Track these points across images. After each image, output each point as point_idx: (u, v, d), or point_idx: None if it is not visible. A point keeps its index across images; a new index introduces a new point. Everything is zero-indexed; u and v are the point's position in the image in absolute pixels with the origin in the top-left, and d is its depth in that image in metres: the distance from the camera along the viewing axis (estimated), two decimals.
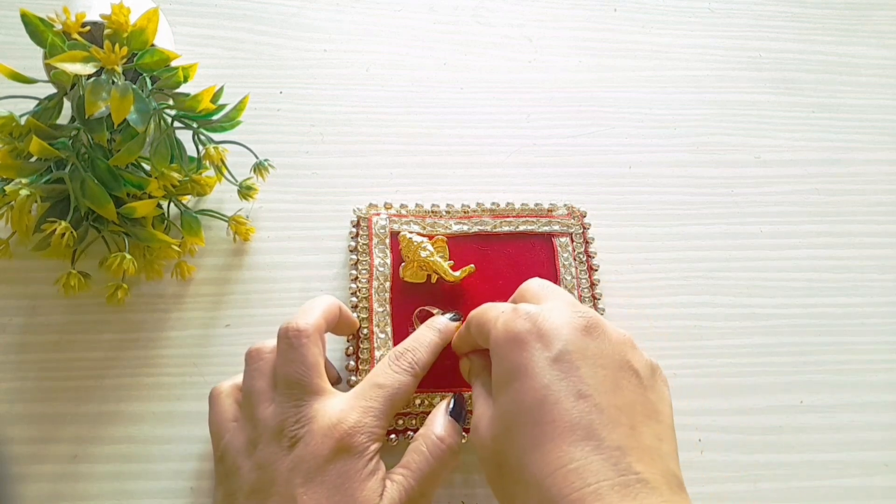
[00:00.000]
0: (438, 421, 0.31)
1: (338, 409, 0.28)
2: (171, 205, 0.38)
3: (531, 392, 0.25)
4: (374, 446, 0.28)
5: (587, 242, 0.40)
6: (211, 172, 0.38)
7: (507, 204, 0.41)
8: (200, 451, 0.34)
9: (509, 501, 0.26)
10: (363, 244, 0.39)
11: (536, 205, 0.41)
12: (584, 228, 0.41)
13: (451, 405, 0.31)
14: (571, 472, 0.23)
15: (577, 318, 0.27)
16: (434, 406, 0.34)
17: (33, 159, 0.34)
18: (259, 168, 0.39)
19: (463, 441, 0.31)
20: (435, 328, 0.33)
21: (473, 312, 0.31)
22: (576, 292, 0.38)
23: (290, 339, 0.29)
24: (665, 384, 0.28)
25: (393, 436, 0.33)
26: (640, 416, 0.25)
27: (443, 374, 0.35)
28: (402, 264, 0.38)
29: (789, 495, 0.35)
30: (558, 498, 0.22)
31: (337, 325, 0.33)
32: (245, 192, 0.39)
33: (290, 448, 0.27)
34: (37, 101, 0.35)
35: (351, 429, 0.28)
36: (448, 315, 0.34)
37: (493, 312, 0.29)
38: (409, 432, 0.33)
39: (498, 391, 0.27)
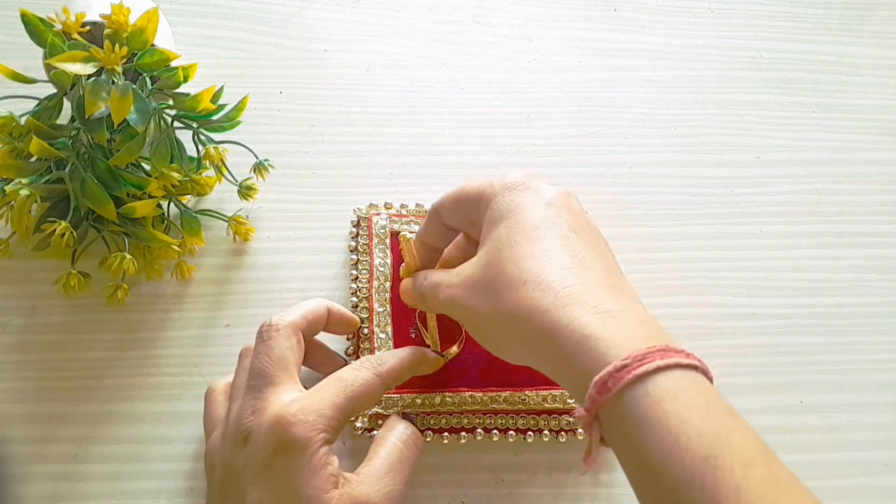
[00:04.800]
0: (397, 419, 0.32)
1: (288, 398, 0.27)
2: (171, 205, 0.38)
3: (530, 221, 0.28)
4: (321, 437, 0.27)
5: None
6: (211, 172, 0.38)
7: None
8: (200, 450, 0.34)
9: (497, 307, 0.27)
10: (363, 244, 0.39)
11: None
12: None
13: (403, 415, 0.33)
14: (570, 270, 0.27)
15: (558, 187, 0.31)
16: (434, 406, 0.34)
17: (33, 159, 0.34)
18: (259, 168, 0.39)
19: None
20: (416, 348, 0.33)
21: (441, 197, 0.33)
22: None
23: (261, 334, 0.30)
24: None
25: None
26: (612, 261, 0.30)
27: (443, 374, 0.35)
28: (403, 264, 0.38)
29: None
30: (559, 287, 0.26)
31: (332, 324, 0.34)
32: (245, 192, 0.39)
33: (244, 443, 0.27)
34: (37, 101, 0.35)
35: (293, 417, 0.26)
36: (435, 352, 0.34)
37: (479, 181, 0.31)
38: None
39: (492, 226, 0.29)
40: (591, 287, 0.26)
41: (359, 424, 0.34)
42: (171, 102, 0.35)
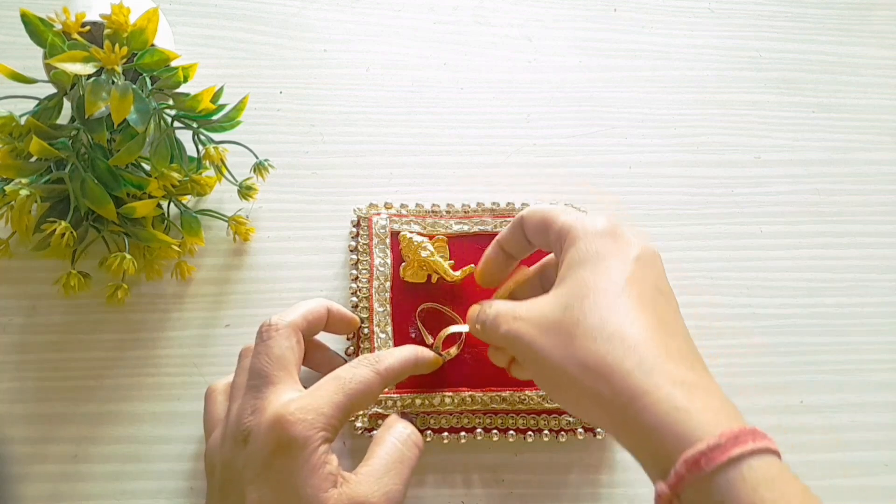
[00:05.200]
0: (396, 419, 0.32)
1: (287, 397, 0.27)
2: (171, 205, 0.38)
3: (618, 272, 0.27)
4: (320, 435, 0.27)
5: None
6: (211, 172, 0.38)
7: (508, 204, 0.41)
8: (200, 450, 0.34)
9: (573, 356, 0.26)
10: (363, 244, 0.39)
11: None
12: None
13: (402, 414, 0.33)
14: (656, 334, 0.25)
15: (643, 240, 0.30)
16: (434, 406, 0.34)
17: (33, 159, 0.34)
18: (259, 168, 0.39)
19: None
20: (413, 347, 0.33)
21: (531, 209, 0.32)
22: None
23: (261, 334, 0.30)
24: None
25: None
26: (686, 330, 0.28)
27: (443, 374, 0.35)
28: (403, 264, 0.38)
29: None
30: (645, 350, 0.25)
31: (332, 324, 0.34)
32: (245, 192, 0.39)
33: (244, 443, 0.27)
34: (37, 101, 0.35)
35: (292, 415, 0.26)
36: (434, 352, 0.34)
37: (573, 213, 0.30)
38: None
39: (576, 267, 0.28)
40: (677, 356, 0.25)
41: (359, 424, 0.34)
42: (171, 102, 0.35)
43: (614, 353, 0.25)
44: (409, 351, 0.32)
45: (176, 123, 0.36)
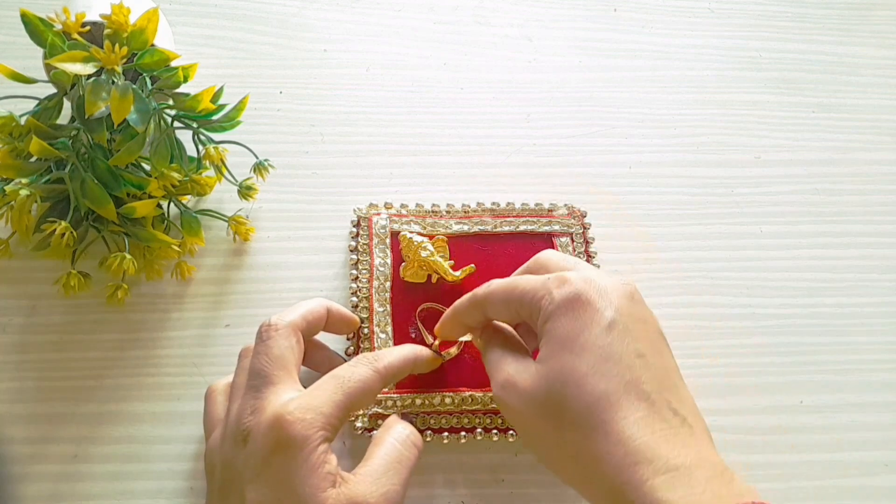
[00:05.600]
0: (396, 419, 0.32)
1: (286, 397, 0.27)
2: (171, 205, 0.38)
3: (596, 349, 0.27)
4: (319, 434, 0.26)
5: (587, 242, 0.40)
6: (211, 172, 0.38)
7: (508, 204, 0.41)
8: (200, 450, 0.34)
9: (562, 449, 0.27)
10: (363, 244, 0.39)
11: (537, 205, 0.41)
12: (585, 228, 0.41)
13: (402, 415, 0.33)
14: (640, 419, 0.25)
15: (620, 286, 0.29)
16: (434, 406, 0.34)
17: (33, 159, 0.34)
18: (259, 168, 0.39)
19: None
20: (413, 346, 0.33)
21: (489, 289, 0.31)
22: None
23: (260, 334, 0.30)
24: None
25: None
26: (676, 377, 0.28)
27: (443, 374, 0.35)
28: (403, 264, 0.38)
29: (789, 495, 0.35)
30: (629, 441, 0.25)
31: (332, 324, 0.34)
32: (245, 192, 0.39)
33: (244, 443, 0.27)
34: (37, 101, 0.35)
35: (291, 415, 0.26)
36: (434, 352, 0.34)
37: (533, 282, 0.29)
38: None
39: (554, 349, 0.28)
40: (660, 437, 0.25)
41: (359, 424, 0.34)
42: (171, 102, 0.35)
43: (599, 447, 0.25)
44: (409, 350, 0.32)
45: (176, 123, 0.36)
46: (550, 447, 0.28)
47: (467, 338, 0.35)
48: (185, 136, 0.36)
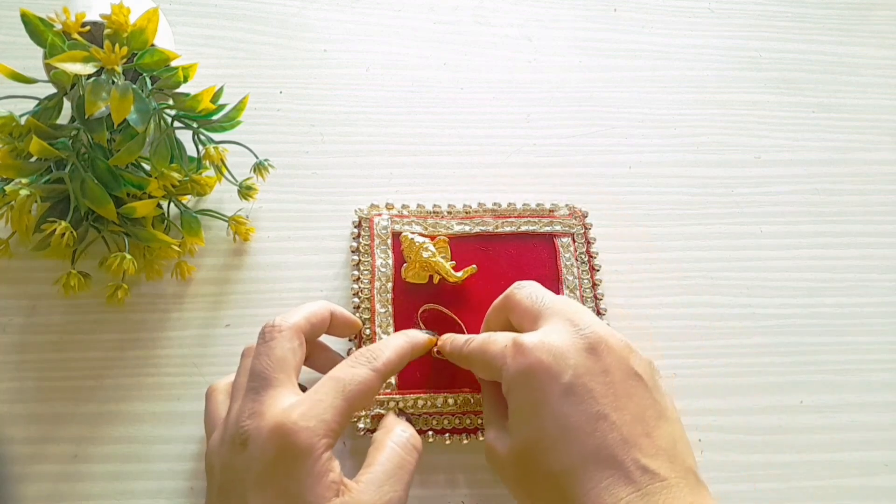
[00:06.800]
0: (395, 420, 0.32)
1: (287, 402, 0.27)
2: (171, 205, 0.38)
3: (553, 421, 0.27)
4: (323, 442, 0.26)
5: (589, 242, 0.40)
6: (211, 172, 0.38)
7: (509, 204, 0.41)
8: (200, 450, 0.34)
9: (534, 500, 0.28)
10: (365, 245, 0.39)
11: (538, 205, 0.41)
12: (586, 229, 0.41)
13: (398, 413, 0.33)
14: (604, 489, 0.25)
15: (579, 340, 0.28)
16: (437, 407, 0.34)
17: (33, 159, 0.34)
18: (259, 168, 0.39)
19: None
20: (405, 334, 0.33)
21: (469, 348, 0.32)
22: (577, 292, 0.38)
23: (263, 335, 0.30)
24: (660, 377, 0.30)
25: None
26: (652, 419, 0.27)
27: (444, 375, 0.35)
28: (404, 265, 0.38)
29: (789, 495, 0.35)
30: None
31: (335, 327, 0.33)
32: (245, 192, 0.39)
33: (243, 446, 0.27)
34: (37, 101, 0.35)
35: (294, 424, 0.26)
36: (426, 332, 0.34)
37: (496, 348, 0.30)
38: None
39: (516, 423, 0.28)
40: (632, 495, 0.25)
41: (361, 426, 0.34)
42: (171, 102, 0.35)
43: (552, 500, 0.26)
44: (403, 339, 0.32)
45: (176, 123, 0.36)
46: (524, 497, 0.28)
47: None
48: (185, 136, 0.36)
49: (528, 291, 0.32)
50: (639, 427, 0.27)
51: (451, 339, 0.33)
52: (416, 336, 0.33)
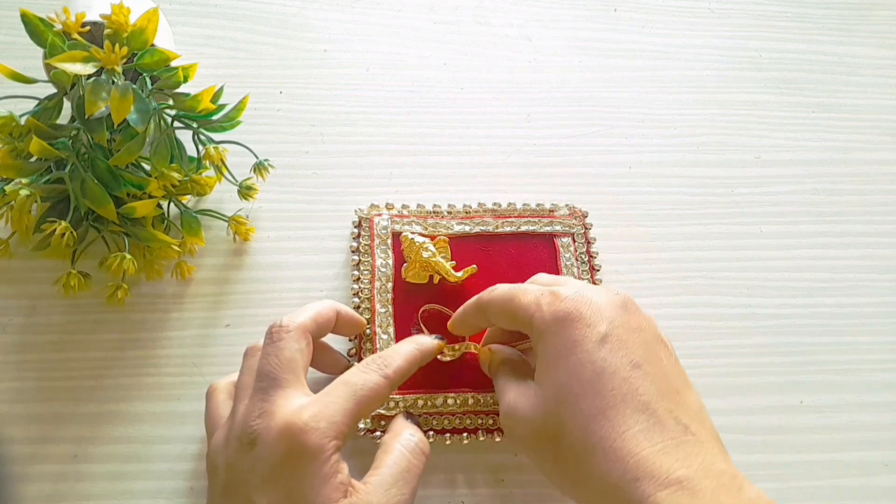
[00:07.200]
0: (403, 423, 0.31)
1: (297, 404, 0.27)
2: (171, 205, 0.38)
3: (589, 365, 0.27)
4: (332, 444, 0.26)
5: (589, 242, 0.40)
6: (211, 172, 0.38)
7: (509, 204, 0.41)
8: (200, 450, 0.34)
9: (565, 471, 0.27)
10: (365, 245, 0.39)
11: (538, 205, 0.41)
12: (586, 229, 0.41)
13: (407, 415, 0.33)
14: (639, 433, 0.25)
15: (614, 297, 0.29)
16: (437, 407, 0.34)
17: (33, 159, 0.34)
18: (259, 168, 0.39)
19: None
20: (414, 341, 0.33)
21: (490, 295, 0.32)
22: None
23: (271, 335, 0.29)
24: None
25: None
26: (680, 383, 0.28)
27: (444, 375, 0.35)
28: (405, 265, 0.38)
29: (789, 495, 0.35)
30: (628, 457, 0.25)
31: (339, 326, 0.33)
32: (245, 192, 0.39)
33: (251, 446, 0.27)
34: (37, 101, 0.35)
35: (305, 424, 0.26)
36: (433, 336, 0.34)
37: (528, 297, 0.30)
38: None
39: (548, 368, 0.28)
40: (661, 449, 0.25)
41: (361, 425, 0.34)
42: (171, 102, 0.35)
43: (598, 467, 0.25)
44: (412, 346, 0.32)
45: (176, 123, 0.36)
46: (555, 470, 0.28)
47: (473, 349, 0.35)
48: (185, 136, 0.36)
49: (548, 275, 0.34)
50: (669, 385, 0.27)
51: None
52: (425, 343, 0.33)
